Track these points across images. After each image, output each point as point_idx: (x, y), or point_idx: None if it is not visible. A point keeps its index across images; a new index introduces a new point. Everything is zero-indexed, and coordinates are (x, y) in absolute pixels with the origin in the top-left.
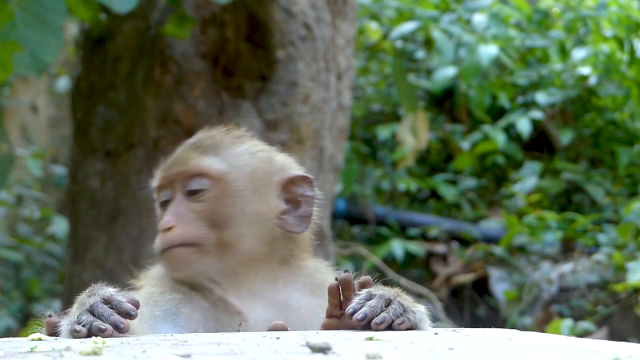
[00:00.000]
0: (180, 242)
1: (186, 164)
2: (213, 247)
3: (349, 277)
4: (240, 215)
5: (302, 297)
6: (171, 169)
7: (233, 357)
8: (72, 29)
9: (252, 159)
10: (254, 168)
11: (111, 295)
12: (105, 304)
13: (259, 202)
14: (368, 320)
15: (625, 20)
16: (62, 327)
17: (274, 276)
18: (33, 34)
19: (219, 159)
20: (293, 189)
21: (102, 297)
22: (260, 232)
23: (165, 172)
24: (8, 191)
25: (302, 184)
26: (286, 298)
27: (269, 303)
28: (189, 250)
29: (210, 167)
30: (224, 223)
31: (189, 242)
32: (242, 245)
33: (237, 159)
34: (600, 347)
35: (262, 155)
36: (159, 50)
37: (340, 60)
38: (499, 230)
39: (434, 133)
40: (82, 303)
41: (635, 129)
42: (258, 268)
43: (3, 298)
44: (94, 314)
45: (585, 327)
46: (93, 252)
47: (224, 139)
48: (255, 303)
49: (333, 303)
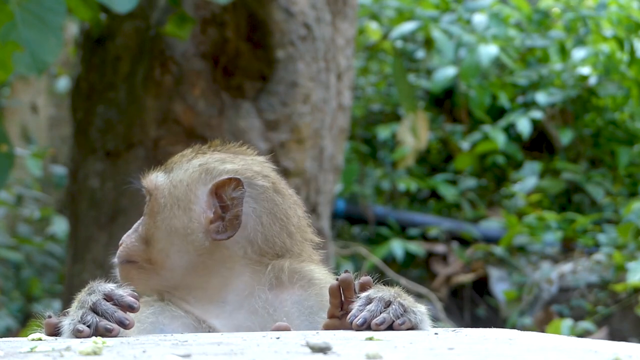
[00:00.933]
0: (122, 258)
1: (144, 178)
2: (146, 263)
3: (350, 277)
4: (164, 232)
5: (273, 299)
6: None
7: (233, 357)
8: (72, 29)
9: (185, 174)
10: (189, 182)
11: (112, 290)
12: (107, 301)
13: (187, 216)
14: (368, 324)
15: (625, 20)
16: (63, 327)
17: (238, 281)
18: (33, 34)
19: (165, 175)
20: (222, 195)
21: (103, 293)
22: (188, 246)
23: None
24: (8, 191)
25: (231, 187)
26: (257, 303)
27: (235, 309)
28: (128, 267)
29: (150, 182)
30: (151, 239)
31: (126, 258)
32: (170, 261)
33: (175, 174)
34: (600, 347)
35: (203, 168)
36: (159, 50)
37: (340, 60)
38: (499, 230)
39: (434, 133)
40: (84, 301)
41: (635, 129)
42: (208, 276)
43: (3, 298)
44: (98, 312)
45: (585, 327)
46: (93, 252)
47: (190, 154)
48: (220, 310)
49: (334, 303)
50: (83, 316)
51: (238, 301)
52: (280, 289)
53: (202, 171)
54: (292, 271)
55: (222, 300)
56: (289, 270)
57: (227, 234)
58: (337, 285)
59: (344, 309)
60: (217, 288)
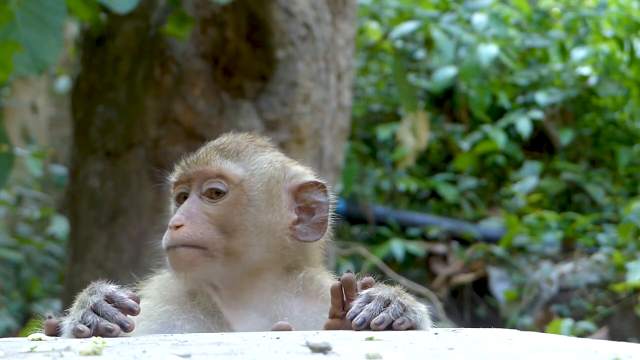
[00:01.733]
0: (187, 242)
1: (207, 165)
2: (220, 253)
3: (351, 277)
4: (252, 225)
5: (295, 307)
6: (191, 167)
7: (233, 357)
8: (72, 29)
9: (269, 168)
10: (270, 177)
11: (113, 292)
12: (108, 302)
13: (272, 212)
14: (367, 323)
15: (625, 20)
16: (64, 327)
17: (272, 286)
18: (33, 34)
19: (239, 165)
20: (305, 197)
21: (104, 294)
22: (271, 242)
23: (184, 169)
24: (8, 191)
25: (315, 191)
26: (279, 310)
27: (261, 315)
28: (195, 252)
29: (230, 171)
30: (235, 230)
31: (196, 243)
32: (250, 255)
33: (257, 167)
34: (600, 347)
35: (278, 165)
36: (159, 50)
37: (340, 60)
38: (499, 230)
39: (434, 133)
40: (85, 302)
41: (635, 129)
42: (259, 277)
43: (3, 298)
44: (98, 313)
45: (585, 327)
46: (93, 252)
47: (248, 145)
48: (247, 315)
49: (336, 303)
50: (84, 316)
51: (263, 307)
52: (304, 298)
53: (281, 169)
54: (318, 283)
55: (253, 306)
56: (317, 281)
57: (313, 236)
58: (339, 285)
59: (345, 309)
60: (255, 292)
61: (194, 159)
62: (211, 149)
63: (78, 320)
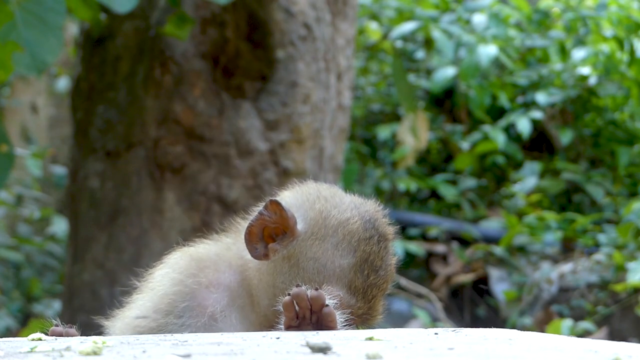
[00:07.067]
0: None
1: None
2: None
3: (302, 291)
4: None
5: None
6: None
7: (233, 357)
8: (72, 29)
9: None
10: None
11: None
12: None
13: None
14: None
15: (625, 20)
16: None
17: None
18: (33, 34)
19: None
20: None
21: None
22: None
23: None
24: (8, 191)
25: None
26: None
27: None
28: None
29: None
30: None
31: None
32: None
33: None
34: (600, 347)
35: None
36: (159, 50)
37: (340, 60)
38: (499, 230)
39: (434, 133)
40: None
41: (635, 129)
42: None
43: (3, 298)
44: None
45: (585, 327)
46: (93, 252)
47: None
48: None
49: (289, 316)
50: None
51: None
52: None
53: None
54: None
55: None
56: None
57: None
58: (290, 299)
59: (299, 318)
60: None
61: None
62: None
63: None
